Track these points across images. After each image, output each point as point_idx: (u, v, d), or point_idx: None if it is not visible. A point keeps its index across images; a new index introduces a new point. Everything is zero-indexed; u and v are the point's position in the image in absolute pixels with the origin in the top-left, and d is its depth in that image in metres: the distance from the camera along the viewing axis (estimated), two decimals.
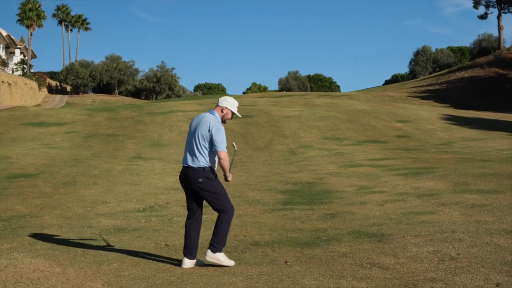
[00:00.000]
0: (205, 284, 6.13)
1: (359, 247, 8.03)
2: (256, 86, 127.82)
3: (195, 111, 31.81)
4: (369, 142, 24.71)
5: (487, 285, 6.05)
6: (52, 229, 10.19)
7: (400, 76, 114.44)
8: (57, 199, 13.19)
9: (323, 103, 38.48)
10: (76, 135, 26.39)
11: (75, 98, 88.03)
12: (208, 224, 10.01)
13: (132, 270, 6.87)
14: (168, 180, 15.98)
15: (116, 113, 31.51)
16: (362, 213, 10.49)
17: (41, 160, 18.60)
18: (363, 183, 14.26)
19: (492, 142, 23.82)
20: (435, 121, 30.87)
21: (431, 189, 12.40)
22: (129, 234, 9.66)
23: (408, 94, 65.63)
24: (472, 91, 66.09)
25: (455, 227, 8.71)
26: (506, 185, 12.01)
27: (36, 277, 6.12)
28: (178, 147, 23.63)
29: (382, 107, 37.35)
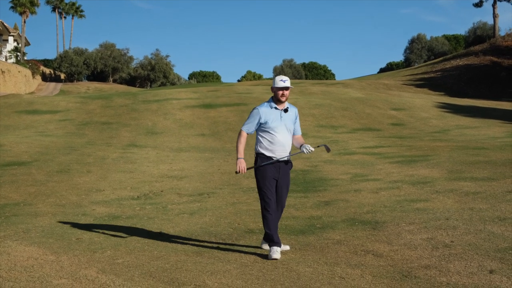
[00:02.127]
0: (199, 272, 6.12)
1: (353, 234, 8.03)
2: (251, 74, 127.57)
3: (190, 98, 31.76)
4: (364, 130, 24.71)
5: (481, 272, 6.06)
6: (46, 217, 10.17)
7: (395, 64, 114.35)
8: (51, 187, 13.16)
9: (318, 91, 38.43)
10: (70, 123, 26.32)
11: (69, 86, 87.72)
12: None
13: (126, 257, 6.86)
14: (163, 168, 15.96)
15: (110, 101, 31.42)
16: (356, 201, 10.49)
17: (35, 148, 18.55)
18: (357, 170, 14.27)
19: (486, 130, 23.84)
20: (429, 109, 30.89)
21: (425, 176, 12.41)
22: (123, 222, 9.65)
23: (403, 82, 65.61)
24: (467, 79, 66.07)
25: (449, 215, 8.72)
26: (500, 173, 12.02)
27: (30, 264, 6.11)
28: (172, 135, 23.60)
29: (377, 95, 37.33)
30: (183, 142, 22.08)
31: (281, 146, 7.21)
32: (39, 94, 72.26)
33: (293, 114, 7.37)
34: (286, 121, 7.25)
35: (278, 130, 7.18)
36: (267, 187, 7.15)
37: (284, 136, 7.25)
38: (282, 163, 7.24)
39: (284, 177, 7.31)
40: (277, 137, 7.20)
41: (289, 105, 7.40)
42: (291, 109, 7.37)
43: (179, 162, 17.02)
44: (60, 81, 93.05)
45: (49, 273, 5.65)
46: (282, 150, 7.21)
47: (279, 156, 7.20)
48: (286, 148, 7.25)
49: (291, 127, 7.33)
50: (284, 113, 7.23)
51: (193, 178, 14.30)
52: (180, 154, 19.01)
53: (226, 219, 9.57)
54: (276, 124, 7.16)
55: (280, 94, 7.15)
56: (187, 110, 28.61)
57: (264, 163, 7.18)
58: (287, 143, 7.28)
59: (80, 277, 5.56)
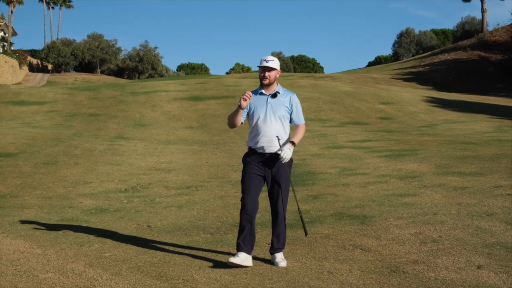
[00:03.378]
0: (187, 266, 6.09)
1: (341, 229, 8.03)
2: (240, 67, 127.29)
3: (178, 91, 31.65)
4: (352, 124, 24.73)
5: (469, 267, 6.07)
6: (33, 209, 10.11)
7: (383, 58, 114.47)
8: (37, 179, 13.08)
9: (306, 84, 38.42)
10: (57, 114, 26.16)
11: (56, 76, 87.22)
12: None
13: (114, 251, 6.82)
14: (151, 160, 15.90)
15: (98, 92, 31.26)
16: (344, 195, 10.49)
17: (21, 140, 18.42)
18: (345, 164, 14.27)
19: (474, 124, 23.92)
20: (417, 103, 30.95)
21: (413, 171, 12.42)
22: (111, 215, 9.61)
23: (391, 76, 65.73)
24: (455, 74, 66.30)
25: (437, 210, 8.73)
26: (487, 168, 12.05)
27: (16, 258, 6.05)
28: (160, 128, 23.51)
29: (365, 89, 37.37)
30: (171, 135, 22.01)
31: (266, 137, 6.23)
32: (26, 84, 71.79)
33: (286, 101, 6.33)
34: (275, 107, 6.26)
35: (262, 118, 6.23)
36: (245, 184, 6.25)
37: (270, 125, 6.23)
38: (269, 156, 6.27)
39: (276, 176, 6.32)
40: (261, 126, 6.26)
41: (285, 90, 6.43)
42: (285, 95, 6.37)
43: (167, 155, 16.96)
44: (48, 72, 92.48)
45: (36, 267, 5.60)
46: (267, 142, 6.24)
47: (267, 150, 6.25)
48: (274, 141, 6.24)
49: (282, 114, 6.27)
50: (271, 99, 6.28)
51: (181, 171, 14.26)
52: (168, 146, 18.94)
53: (214, 213, 9.55)
54: (260, 111, 6.23)
55: (262, 75, 6.27)
56: (175, 102, 28.51)
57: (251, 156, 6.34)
58: (275, 134, 6.24)
59: (67, 271, 5.51)
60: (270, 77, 6.28)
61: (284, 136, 6.33)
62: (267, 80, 6.28)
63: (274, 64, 6.28)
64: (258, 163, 6.29)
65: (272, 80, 6.31)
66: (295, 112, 6.43)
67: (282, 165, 6.28)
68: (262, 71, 6.28)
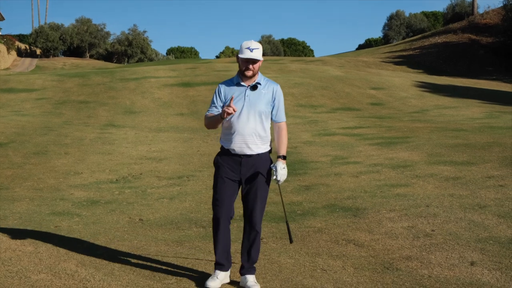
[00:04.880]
0: (180, 264, 6.07)
1: (334, 222, 8.01)
2: (229, 50, 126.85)
3: (168, 77, 31.48)
4: (343, 110, 24.70)
5: (462, 263, 6.08)
6: (24, 202, 10.05)
7: (373, 41, 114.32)
8: (28, 169, 12.99)
9: (297, 68, 38.31)
10: (47, 101, 25.98)
11: (45, 61, 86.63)
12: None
13: (106, 248, 6.78)
14: (141, 149, 15.82)
15: (88, 79, 31.04)
16: (337, 185, 10.47)
17: (11, 129, 18.29)
18: (337, 153, 14.24)
19: (465, 110, 23.93)
20: (408, 88, 30.93)
21: (405, 160, 12.41)
22: (102, 208, 9.56)
23: (382, 60, 65.65)
24: (445, 57, 66.29)
25: (430, 201, 8.73)
26: (479, 157, 12.06)
27: (8, 257, 5.99)
28: (151, 115, 23.39)
29: (356, 73, 37.33)
30: (162, 122, 21.92)
31: (240, 136, 5.35)
32: (15, 70, 71.30)
33: (268, 93, 5.43)
34: (254, 101, 5.36)
35: (237, 113, 5.31)
36: (217, 191, 5.43)
37: (247, 123, 5.35)
38: (244, 159, 5.39)
39: (251, 181, 5.43)
40: (235, 123, 5.35)
41: (266, 80, 5.52)
42: (267, 86, 5.46)
43: (158, 143, 16.89)
44: (36, 57, 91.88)
45: (28, 267, 5.55)
46: (241, 141, 5.37)
47: (241, 152, 5.38)
48: (248, 140, 5.37)
49: (263, 110, 5.38)
50: (250, 91, 5.38)
51: (172, 160, 14.20)
52: (159, 134, 18.86)
53: (206, 205, 9.51)
54: (236, 105, 5.30)
55: (245, 67, 5.36)
56: (166, 88, 28.37)
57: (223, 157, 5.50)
58: (251, 133, 5.37)
59: (59, 271, 5.47)
60: (254, 69, 5.38)
61: (264, 137, 5.45)
62: (250, 72, 5.37)
63: (260, 53, 5.36)
64: (232, 166, 5.41)
65: (256, 72, 5.41)
66: (277, 108, 5.48)
67: (256, 167, 5.41)
68: (245, 62, 5.34)
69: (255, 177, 5.41)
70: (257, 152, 5.41)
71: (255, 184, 5.41)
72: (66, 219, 8.67)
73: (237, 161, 5.41)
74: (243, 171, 5.40)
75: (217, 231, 5.42)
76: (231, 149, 5.42)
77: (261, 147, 5.43)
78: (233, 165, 5.42)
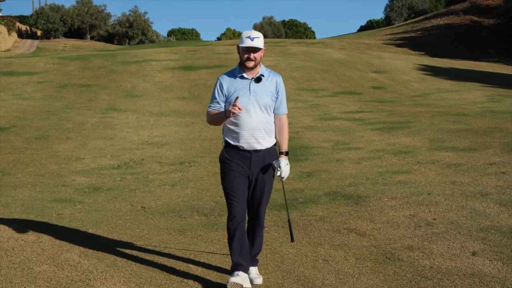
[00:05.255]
0: (182, 254, 6.08)
1: (336, 210, 8.02)
2: (231, 32, 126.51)
3: (170, 60, 31.40)
4: (345, 94, 24.65)
5: (463, 253, 6.09)
6: (26, 188, 10.06)
7: (375, 22, 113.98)
8: (30, 155, 13.00)
9: (298, 51, 38.20)
10: (48, 85, 25.93)
11: (46, 43, 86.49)
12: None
13: (108, 237, 6.79)
14: (143, 134, 15.82)
15: (89, 62, 30.98)
16: (338, 172, 10.47)
17: (12, 113, 18.28)
18: (339, 138, 14.23)
19: (467, 93, 23.89)
20: (410, 72, 30.86)
21: (407, 146, 12.40)
22: (104, 194, 9.57)
23: (383, 42, 65.49)
24: (447, 39, 66.10)
25: (431, 189, 8.73)
26: (480, 142, 12.05)
27: (11, 247, 6.01)
28: (152, 98, 23.36)
29: (358, 56, 37.22)
30: (163, 106, 21.90)
31: (248, 130, 5.17)
32: (15, 51, 71.18)
33: (272, 85, 5.25)
34: (259, 94, 5.17)
35: (244, 107, 5.10)
36: (230, 186, 5.24)
37: (254, 117, 5.17)
38: (253, 154, 5.22)
39: (259, 176, 5.27)
40: (242, 118, 5.16)
41: (269, 72, 5.32)
42: (270, 78, 5.28)
43: (159, 128, 16.88)
44: (37, 38, 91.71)
45: (30, 257, 5.57)
46: (249, 136, 5.19)
47: (250, 147, 5.21)
48: (256, 134, 5.20)
49: (267, 103, 5.20)
50: (255, 84, 5.19)
51: (174, 145, 14.20)
52: (161, 119, 18.85)
53: (208, 192, 9.53)
54: (241, 99, 5.09)
55: (245, 57, 5.14)
56: (167, 72, 28.31)
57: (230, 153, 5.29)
58: (258, 127, 5.20)
59: (62, 262, 5.49)
60: (256, 59, 5.14)
61: (270, 130, 5.30)
62: (252, 63, 5.14)
63: (261, 42, 5.14)
64: (241, 161, 5.23)
65: (258, 62, 5.18)
66: (280, 100, 5.31)
67: (264, 162, 5.26)
68: (246, 51, 5.13)
69: (263, 172, 5.26)
70: (265, 146, 5.24)
71: (264, 179, 5.27)
72: (68, 206, 8.68)
73: (246, 156, 5.21)
74: (253, 167, 5.23)
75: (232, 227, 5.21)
76: (239, 145, 5.22)
77: (268, 140, 5.28)
78: (243, 160, 5.22)
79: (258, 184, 5.29)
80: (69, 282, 4.99)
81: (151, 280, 5.20)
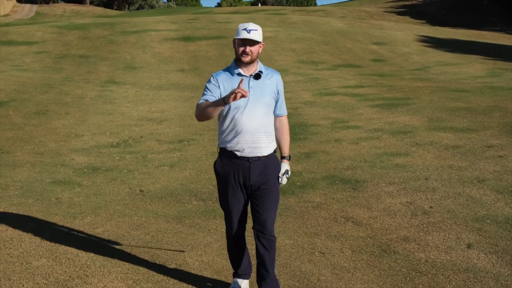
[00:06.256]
0: (180, 245, 6.14)
1: (333, 196, 8.06)
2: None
3: (169, 30, 31.23)
4: (345, 67, 24.57)
5: (459, 246, 6.14)
6: (25, 168, 10.09)
7: None
8: (29, 131, 13.01)
9: (298, 20, 38.02)
10: (47, 55, 25.83)
11: (44, 8, 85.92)
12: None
13: (106, 225, 6.84)
14: (142, 109, 15.81)
15: (88, 31, 30.81)
16: (337, 153, 10.49)
17: (11, 86, 18.24)
18: (338, 115, 14.23)
19: (467, 67, 23.82)
20: (411, 43, 30.71)
21: (405, 125, 12.41)
22: (103, 176, 9.60)
23: (385, 10, 65.08)
24: (449, 7, 65.68)
25: (429, 174, 8.76)
26: (479, 123, 12.07)
27: (9, 237, 6.07)
28: (151, 71, 23.29)
29: (358, 26, 37.03)
30: (163, 79, 21.84)
31: (248, 134, 4.65)
32: (14, 16, 70.79)
33: (272, 83, 4.78)
34: (259, 93, 4.69)
35: (243, 108, 4.62)
36: (228, 206, 4.83)
37: (254, 118, 4.66)
38: (253, 163, 4.69)
39: (262, 187, 4.73)
40: (242, 120, 4.63)
41: (267, 69, 4.85)
42: (269, 75, 4.80)
43: (158, 102, 16.87)
44: (36, 3, 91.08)
45: (29, 250, 5.62)
46: (249, 142, 4.66)
47: (248, 152, 4.68)
48: (257, 139, 4.68)
49: (269, 103, 4.74)
50: (254, 80, 4.70)
51: (173, 121, 14.21)
52: (160, 92, 18.83)
53: (206, 174, 9.55)
54: (240, 99, 4.50)
55: (241, 50, 4.64)
56: (166, 43, 28.18)
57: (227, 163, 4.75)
58: (259, 130, 4.69)
59: (60, 255, 5.54)
60: (252, 53, 4.63)
61: (271, 133, 4.83)
62: (248, 58, 4.63)
63: (258, 34, 4.63)
64: (239, 172, 4.70)
65: (255, 57, 4.68)
66: (280, 99, 4.88)
67: (265, 168, 4.74)
68: (242, 44, 4.63)
69: (265, 183, 4.72)
70: (266, 153, 4.73)
71: (267, 192, 4.74)
72: (67, 189, 8.72)
73: (245, 166, 4.68)
74: (252, 177, 4.70)
75: (234, 248, 4.98)
76: (237, 152, 4.68)
77: (269, 145, 4.77)
78: (240, 171, 4.70)
79: (261, 198, 4.74)
80: (67, 279, 5.05)
81: (148, 276, 5.26)
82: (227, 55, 25.86)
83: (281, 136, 4.91)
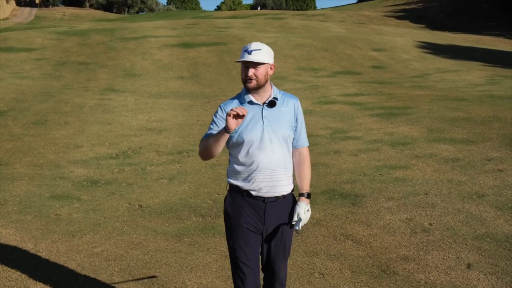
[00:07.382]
0: (179, 266, 6.12)
1: (333, 212, 8.04)
2: (230, 0, 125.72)
3: (168, 36, 31.23)
4: (344, 74, 24.56)
5: (458, 266, 6.12)
6: (23, 181, 10.07)
7: None
8: (28, 142, 13.00)
9: (298, 25, 38.03)
10: (46, 62, 25.82)
11: (44, 11, 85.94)
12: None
13: (105, 244, 6.82)
14: (141, 118, 15.80)
15: (87, 38, 30.80)
16: (336, 166, 10.49)
17: (10, 94, 18.23)
18: (337, 125, 14.23)
19: (466, 74, 23.82)
20: (410, 50, 30.72)
21: (405, 136, 12.41)
22: (102, 189, 9.58)
23: (384, 14, 65.12)
24: (448, 11, 65.74)
25: (428, 188, 8.75)
26: (478, 134, 12.07)
27: (7, 257, 6.06)
28: (151, 78, 23.28)
29: (358, 31, 37.03)
30: (162, 86, 21.83)
31: (265, 171, 4.03)
32: (14, 20, 70.76)
33: (289, 111, 4.14)
34: (275, 123, 4.07)
35: (258, 141, 4.04)
36: (240, 246, 4.09)
37: (271, 153, 4.06)
38: (268, 204, 4.09)
39: (276, 231, 4.14)
40: (256, 155, 4.03)
41: (283, 94, 4.21)
42: (286, 102, 4.16)
43: (158, 111, 16.86)
44: (35, 6, 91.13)
45: (27, 271, 5.61)
46: (267, 179, 4.04)
47: (265, 192, 4.07)
48: (275, 176, 4.08)
49: (286, 134, 4.12)
50: (268, 109, 4.08)
51: (172, 131, 14.20)
52: (159, 101, 18.81)
53: (206, 188, 9.54)
54: (253, 131, 4.02)
55: (243, 75, 4.04)
56: (166, 49, 28.17)
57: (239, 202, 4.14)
58: (278, 166, 4.08)
59: (58, 279, 5.51)
60: (258, 77, 4.01)
61: (290, 169, 4.20)
62: (253, 83, 4.01)
63: (262, 55, 3.99)
64: (252, 214, 4.10)
65: (262, 82, 4.03)
66: (299, 129, 4.22)
67: (280, 211, 4.14)
68: (245, 68, 4.02)
69: (280, 227, 4.14)
70: (285, 192, 4.14)
71: (282, 237, 4.18)
72: (66, 204, 8.70)
73: (260, 207, 4.09)
74: (267, 221, 4.11)
75: None
76: (252, 191, 4.08)
77: (288, 183, 4.17)
78: (254, 213, 4.10)
79: (275, 244, 4.17)
80: None
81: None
82: (227, 61, 25.86)
83: (301, 171, 4.27)
